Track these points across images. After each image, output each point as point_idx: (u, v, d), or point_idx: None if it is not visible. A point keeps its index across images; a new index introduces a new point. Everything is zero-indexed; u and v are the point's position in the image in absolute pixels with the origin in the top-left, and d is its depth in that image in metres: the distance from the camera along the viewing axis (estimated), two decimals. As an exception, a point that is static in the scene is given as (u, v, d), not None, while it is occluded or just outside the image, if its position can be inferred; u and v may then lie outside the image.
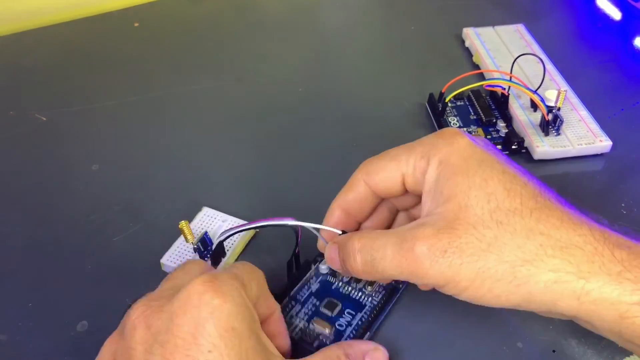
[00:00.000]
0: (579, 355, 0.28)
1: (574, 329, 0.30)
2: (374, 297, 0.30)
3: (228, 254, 0.32)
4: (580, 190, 0.37)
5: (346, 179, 0.34)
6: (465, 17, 0.52)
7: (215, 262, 0.32)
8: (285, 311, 0.29)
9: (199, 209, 0.35)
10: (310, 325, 0.29)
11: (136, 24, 0.53)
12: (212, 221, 0.34)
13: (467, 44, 0.49)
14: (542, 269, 0.22)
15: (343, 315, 0.29)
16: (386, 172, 0.28)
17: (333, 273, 0.31)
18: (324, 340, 0.28)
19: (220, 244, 0.31)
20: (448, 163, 0.25)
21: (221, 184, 0.38)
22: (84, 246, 0.34)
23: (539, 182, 0.25)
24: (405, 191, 0.28)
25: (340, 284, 0.31)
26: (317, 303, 0.30)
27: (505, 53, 0.47)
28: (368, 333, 0.29)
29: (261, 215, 0.35)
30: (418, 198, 0.27)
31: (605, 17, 0.53)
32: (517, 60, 0.42)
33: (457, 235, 0.23)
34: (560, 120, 0.39)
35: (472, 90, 0.43)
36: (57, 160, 0.40)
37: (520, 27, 0.50)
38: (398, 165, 0.27)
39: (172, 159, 0.40)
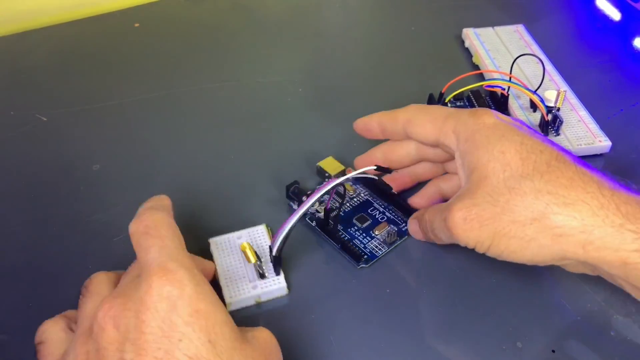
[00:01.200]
0: (578, 355, 0.29)
1: (574, 329, 0.30)
2: (371, 196, 0.36)
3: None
4: (579, 190, 0.37)
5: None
6: (465, 18, 0.52)
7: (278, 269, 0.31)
8: (350, 244, 0.33)
9: (199, 208, 0.35)
10: (377, 237, 0.34)
11: (136, 25, 0.53)
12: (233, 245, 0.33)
13: (466, 44, 0.49)
14: (548, 225, 0.25)
15: (377, 216, 0.35)
16: (423, 129, 0.31)
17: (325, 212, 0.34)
18: (394, 233, 0.33)
19: (279, 256, 0.31)
20: (473, 139, 0.28)
21: (221, 183, 0.38)
22: (85, 246, 0.34)
23: (559, 148, 0.28)
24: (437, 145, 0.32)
25: (342, 209, 0.35)
26: (357, 225, 0.34)
27: (505, 53, 0.47)
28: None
29: (262, 214, 0.35)
30: (449, 155, 0.32)
31: (604, 18, 0.53)
32: (517, 60, 0.42)
33: (475, 203, 0.27)
34: (560, 120, 0.39)
35: (472, 91, 0.43)
36: (58, 160, 0.40)
37: (519, 28, 0.50)
38: (434, 130, 0.31)
39: (172, 158, 0.40)
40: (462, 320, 0.30)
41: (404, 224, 0.35)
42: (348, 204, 0.36)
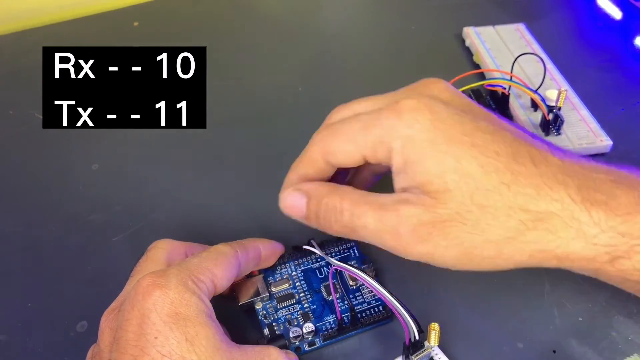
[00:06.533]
0: (579, 355, 0.28)
1: (575, 329, 0.30)
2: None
3: None
4: (580, 190, 0.37)
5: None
6: (465, 17, 0.52)
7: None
8: None
9: (197, 209, 0.35)
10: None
11: (135, 24, 0.53)
12: None
13: (467, 43, 0.49)
14: (524, 242, 0.23)
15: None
16: (345, 153, 0.27)
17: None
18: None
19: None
20: (413, 146, 0.24)
21: (220, 182, 0.38)
22: (84, 246, 0.34)
23: (511, 135, 0.25)
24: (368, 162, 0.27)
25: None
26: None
27: (506, 52, 0.47)
28: None
29: (261, 214, 0.35)
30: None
31: (605, 17, 0.53)
32: (518, 59, 0.42)
33: (440, 219, 0.23)
34: (561, 119, 0.39)
35: (473, 90, 0.43)
36: (57, 160, 0.40)
37: (520, 27, 0.50)
38: (357, 148, 0.26)
39: (172, 158, 0.40)
40: (463, 321, 0.30)
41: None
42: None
